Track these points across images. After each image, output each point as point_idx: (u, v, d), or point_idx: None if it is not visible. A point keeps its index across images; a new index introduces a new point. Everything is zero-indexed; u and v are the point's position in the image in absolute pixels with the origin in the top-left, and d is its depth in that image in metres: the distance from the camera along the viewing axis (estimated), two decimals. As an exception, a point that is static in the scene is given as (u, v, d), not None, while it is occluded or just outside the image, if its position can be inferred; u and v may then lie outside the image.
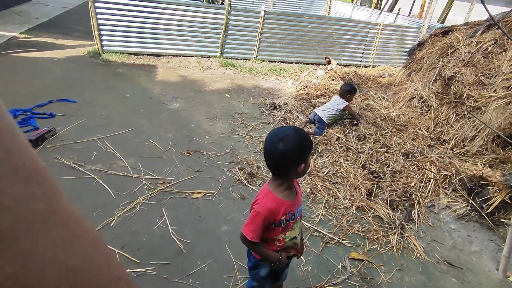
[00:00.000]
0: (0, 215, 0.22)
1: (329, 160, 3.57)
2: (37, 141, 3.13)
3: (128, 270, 2.05)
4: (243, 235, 1.37)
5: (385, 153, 3.60)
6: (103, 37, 5.86)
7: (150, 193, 2.75)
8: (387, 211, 2.91)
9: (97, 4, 5.56)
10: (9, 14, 7.99)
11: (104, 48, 5.94)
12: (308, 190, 3.07)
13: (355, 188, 3.16)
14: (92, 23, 5.65)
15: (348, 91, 4.05)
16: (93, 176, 2.84)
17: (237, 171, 3.20)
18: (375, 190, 3.15)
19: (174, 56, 6.43)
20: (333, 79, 5.64)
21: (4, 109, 0.26)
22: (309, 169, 1.45)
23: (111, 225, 2.38)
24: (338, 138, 3.84)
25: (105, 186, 2.74)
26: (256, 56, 6.91)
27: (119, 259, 2.12)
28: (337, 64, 6.20)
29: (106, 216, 2.45)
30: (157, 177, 2.96)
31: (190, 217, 2.59)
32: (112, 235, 2.30)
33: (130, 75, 5.34)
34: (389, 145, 3.70)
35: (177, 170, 3.10)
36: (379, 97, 4.96)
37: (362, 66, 7.63)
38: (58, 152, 3.10)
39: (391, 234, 2.68)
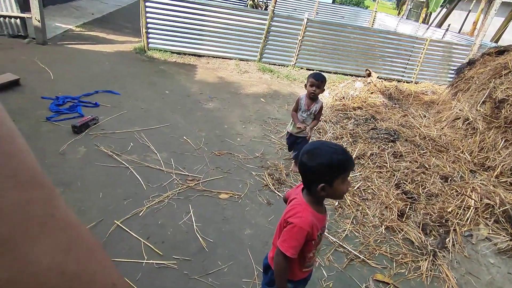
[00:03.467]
0: None
1: (360, 175, 3.45)
2: (81, 127, 3.32)
3: (151, 261, 2.10)
4: (281, 253, 1.28)
5: (422, 174, 3.42)
6: (150, 35, 6.14)
7: (179, 188, 2.81)
8: (419, 235, 2.75)
9: (147, 4, 5.84)
10: (68, 8, 8.62)
11: (150, 45, 6.22)
12: (336, 203, 2.98)
13: (386, 207, 3.02)
14: (141, 21, 5.94)
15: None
16: (127, 166, 2.95)
17: (265, 176, 3.19)
18: (408, 212, 2.99)
19: (214, 57, 6.58)
20: (371, 92, 5.47)
21: (3, 114, 0.26)
22: (342, 193, 1.36)
23: (140, 215, 2.46)
24: (372, 153, 3.71)
25: (138, 176, 2.84)
26: (295, 63, 6.89)
27: (144, 249, 2.18)
28: (377, 77, 6.01)
29: (136, 205, 2.53)
30: (187, 173, 3.02)
31: (215, 216, 2.61)
32: (140, 225, 2.37)
33: (171, 73, 5.54)
34: (426, 166, 3.51)
35: (207, 169, 3.15)
36: (419, 114, 4.74)
37: (404, 81, 7.34)
38: (99, 140, 3.27)
39: (421, 260, 2.52)
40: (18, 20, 5.58)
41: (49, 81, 4.39)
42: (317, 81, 2.88)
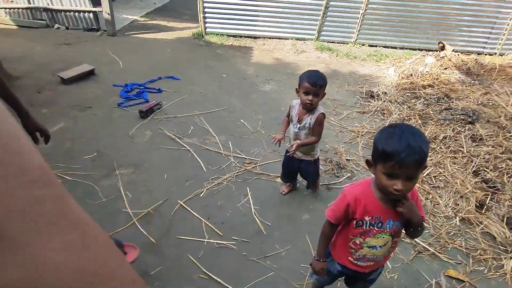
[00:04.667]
0: (8, 219, 0.21)
1: (431, 160, 3.13)
2: (147, 112, 3.54)
3: (212, 241, 2.18)
4: (326, 218, 1.36)
5: (508, 160, 2.98)
6: (207, 19, 6.23)
7: (237, 171, 2.85)
8: (503, 229, 2.42)
9: (204, -12, 5.91)
10: (134, 0, 9.15)
11: (207, 30, 6.33)
12: (402, 190, 2.76)
13: (461, 197, 2.71)
14: (198, 6, 6.04)
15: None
16: (188, 148, 3.08)
17: (324, 160, 3.07)
18: (488, 203, 2.64)
19: (270, 38, 6.46)
20: (445, 68, 4.87)
21: (7, 113, 0.25)
22: (382, 185, 1.14)
23: (200, 196, 2.56)
24: (446, 137, 3.33)
25: (198, 159, 2.95)
26: (356, 39, 6.43)
27: (205, 229, 2.27)
28: (452, 50, 5.32)
29: (197, 187, 2.64)
30: (244, 156, 3.05)
31: (273, 200, 2.60)
32: (200, 205, 2.47)
33: (227, 56, 5.59)
34: (514, 151, 3.04)
35: (264, 152, 3.14)
36: (506, 91, 4.10)
37: (486, 54, 6.40)
38: (162, 124, 3.45)
39: (505, 258, 2.22)
40: (91, 14, 6.09)
41: (119, 70, 4.74)
42: (314, 87, 1.99)
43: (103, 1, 5.76)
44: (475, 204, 2.63)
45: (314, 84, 1.99)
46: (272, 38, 6.44)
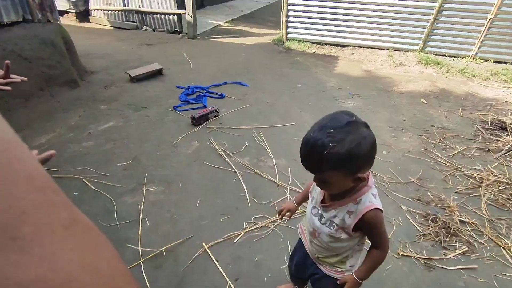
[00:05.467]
0: (21, 221, 0.21)
1: None
2: (199, 119, 3.02)
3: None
4: None
5: None
6: (290, 24, 5.62)
7: (292, 211, 2.06)
8: None
9: (291, -10, 5.33)
10: (222, 7, 9.19)
11: (289, 35, 5.71)
12: None
13: None
14: (282, 10, 5.48)
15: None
16: (236, 170, 2.42)
17: (425, 218, 2.06)
18: None
19: (360, 47, 5.50)
20: None
21: (6, 123, 0.26)
22: None
23: (235, 241, 1.84)
24: None
25: (244, 186, 2.26)
26: (476, 52, 5.00)
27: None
28: None
29: (233, 226, 1.94)
30: (305, 191, 2.24)
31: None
32: (231, 256, 1.75)
33: (307, 65, 4.85)
34: None
35: (334, 189, 2.28)
36: None
37: None
38: (214, 135, 2.88)
39: None
40: (175, 17, 6.08)
41: (187, 71, 4.43)
42: (311, 171, 0.91)
43: (187, 4, 5.66)
44: None
45: (308, 166, 0.91)
46: (363, 47, 5.47)
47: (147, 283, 1.60)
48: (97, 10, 6.61)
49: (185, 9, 5.77)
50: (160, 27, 6.32)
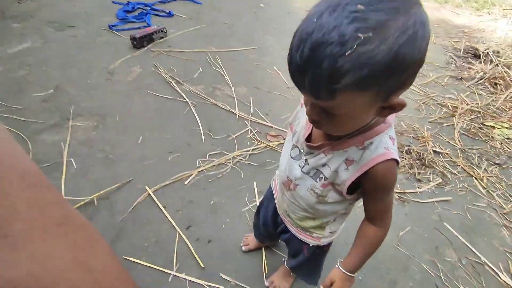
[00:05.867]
0: (13, 218, 0.21)
1: None
2: (141, 40, 2.46)
3: (182, 276, 1.19)
4: None
5: None
6: None
7: (254, 146, 1.76)
8: None
9: None
10: None
11: None
12: None
13: None
14: None
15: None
16: (187, 100, 2.01)
17: (399, 149, 1.88)
18: None
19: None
20: None
21: None
22: None
23: (186, 183, 1.53)
24: None
25: (198, 119, 1.88)
26: (451, -24, 4.65)
27: (177, 248, 1.26)
28: None
29: (184, 165, 1.61)
30: (269, 124, 1.93)
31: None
32: (182, 200, 1.46)
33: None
34: None
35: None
36: None
37: None
38: (160, 59, 2.37)
39: None
40: None
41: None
42: (304, 85, 0.47)
43: None
44: None
45: (305, 83, 0.47)
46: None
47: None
48: None
49: None
50: None
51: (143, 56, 2.39)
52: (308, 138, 0.68)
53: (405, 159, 1.82)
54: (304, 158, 0.69)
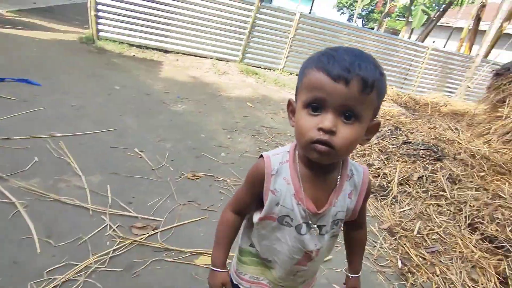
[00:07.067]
0: None
1: (410, 209, 2.27)
2: None
3: None
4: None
5: (500, 208, 2.30)
6: (100, 20, 4.73)
7: (115, 246, 1.41)
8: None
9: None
10: (3, -6, 6.98)
11: (100, 33, 4.80)
12: (399, 264, 1.74)
13: (474, 266, 1.84)
14: (89, 1, 4.54)
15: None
16: (14, 201, 1.51)
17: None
18: (509, 273, 1.82)
19: (185, 54, 5.28)
20: (383, 100, 4.45)
21: None
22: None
23: (6, 325, 1.03)
24: (421, 177, 2.56)
25: (30, 224, 1.41)
26: (283, 66, 5.78)
27: None
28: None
29: (5, 297, 1.10)
30: (134, 214, 1.64)
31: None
32: None
33: (126, 67, 4.14)
34: (503, 195, 2.41)
35: (172, 205, 1.78)
36: (450, 127, 3.74)
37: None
38: (-27, 151, 1.80)
39: None
40: None
41: None
42: (347, 85, 0.52)
43: None
44: (496, 277, 1.77)
45: (346, 78, 0.52)
46: (188, 55, 5.28)
47: None
48: None
49: None
50: None
51: None
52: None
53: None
54: (316, 225, 0.68)
